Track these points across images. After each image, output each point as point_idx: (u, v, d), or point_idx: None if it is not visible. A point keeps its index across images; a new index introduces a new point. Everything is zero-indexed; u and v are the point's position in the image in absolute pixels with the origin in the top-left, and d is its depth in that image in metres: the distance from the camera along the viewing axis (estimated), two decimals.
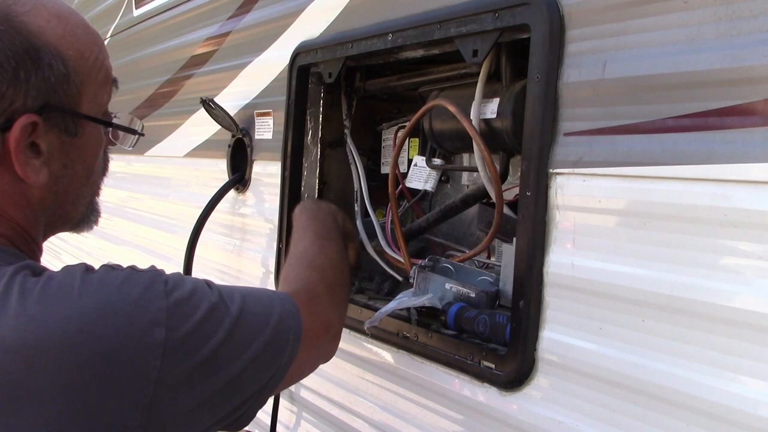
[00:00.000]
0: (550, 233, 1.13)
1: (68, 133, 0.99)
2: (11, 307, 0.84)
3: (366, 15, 1.58)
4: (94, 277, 0.90)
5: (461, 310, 1.33)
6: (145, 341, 0.87)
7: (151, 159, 2.83)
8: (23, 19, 0.93)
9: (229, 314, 0.98)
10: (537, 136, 1.14)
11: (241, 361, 0.99)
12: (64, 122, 0.98)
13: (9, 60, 0.91)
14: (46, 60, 0.94)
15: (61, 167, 1.00)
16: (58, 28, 0.96)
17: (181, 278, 0.96)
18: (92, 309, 0.86)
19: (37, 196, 0.99)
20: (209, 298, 0.97)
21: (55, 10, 0.98)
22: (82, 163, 1.03)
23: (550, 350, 1.12)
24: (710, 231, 0.92)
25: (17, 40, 0.92)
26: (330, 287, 1.31)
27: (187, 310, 0.93)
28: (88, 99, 1.00)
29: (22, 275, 0.88)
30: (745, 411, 0.88)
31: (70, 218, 1.08)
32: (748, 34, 0.89)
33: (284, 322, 1.08)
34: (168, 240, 2.58)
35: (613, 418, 1.03)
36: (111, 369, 0.85)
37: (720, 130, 0.91)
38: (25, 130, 0.93)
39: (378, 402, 1.53)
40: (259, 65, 2.04)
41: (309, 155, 1.84)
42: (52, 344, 0.83)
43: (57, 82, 0.95)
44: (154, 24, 2.87)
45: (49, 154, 0.97)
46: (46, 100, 0.95)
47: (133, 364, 0.86)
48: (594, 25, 1.08)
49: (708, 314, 0.92)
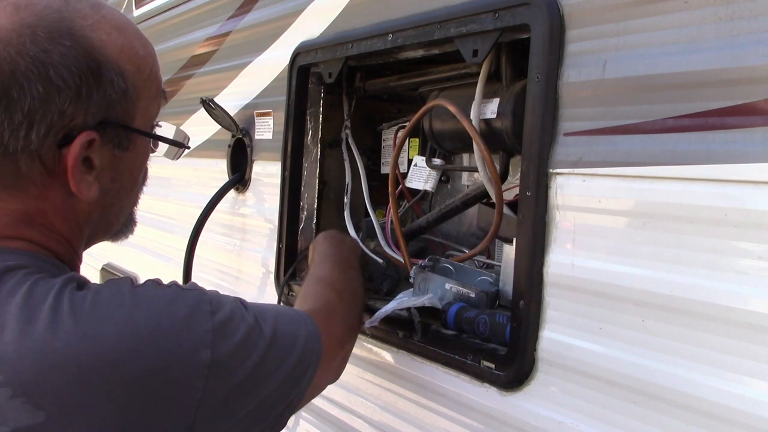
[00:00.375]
0: (550, 233, 1.13)
1: (121, 148, 0.98)
2: (63, 322, 0.84)
3: (366, 15, 1.58)
4: (143, 294, 0.90)
5: (461, 310, 1.33)
6: (192, 362, 0.88)
7: (151, 159, 2.82)
8: (86, 33, 0.92)
9: (263, 336, 0.99)
10: (537, 136, 1.14)
11: (272, 382, 1.00)
12: (118, 137, 0.97)
13: (73, 77, 0.89)
14: (107, 76, 0.93)
15: (109, 181, 0.99)
16: (118, 41, 0.95)
17: (220, 298, 0.97)
18: (144, 327, 0.86)
19: (85, 210, 0.99)
20: (247, 320, 0.97)
21: (115, 22, 0.96)
22: (129, 175, 1.03)
23: (550, 350, 1.12)
24: (710, 231, 0.92)
25: (81, 57, 0.90)
26: (347, 310, 1.34)
27: (228, 331, 0.93)
28: (140, 113, 1.00)
29: (70, 288, 0.88)
30: (745, 411, 0.88)
31: (111, 229, 1.08)
32: (748, 34, 0.89)
33: (309, 345, 1.09)
34: (168, 240, 2.58)
35: (613, 418, 1.03)
36: (159, 388, 0.86)
37: (720, 130, 0.91)
38: (83, 147, 0.92)
39: (378, 402, 1.53)
40: (259, 65, 2.04)
41: (309, 155, 1.84)
42: (105, 362, 0.83)
43: (116, 99, 0.94)
44: (154, 24, 2.86)
45: (101, 169, 0.96)
46: (104, 116, 0.94)
47: (181, 385, 0.87)
48: (594, 25, 1.08)
49: (708, 314, 0.92)
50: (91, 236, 1.05)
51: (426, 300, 1.37)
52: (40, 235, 0.96)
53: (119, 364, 0.84)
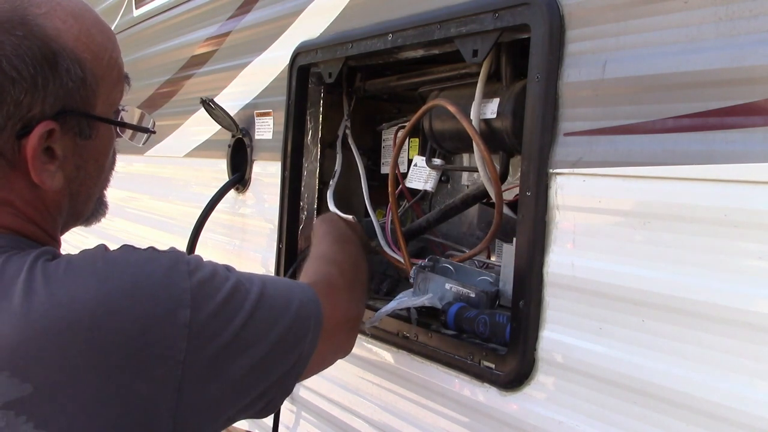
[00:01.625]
0: (550, 233, 1.13)
1: (83, 136, 0.98)
2: (37, 293, 0.84)
3: (366, 15, 1.58)
4: (117, 257, 0.90)
5: (461, 310, 1.33)
6: (171, 321, 0.87)
7: (151, 159, 2.83)
8: (40, 22, 0.91)
9: (249, 297, 0.98)
10: (537, 136, 1.14)
11: (264, 344, 0.99)
12: (80, 126, 0.97)
13: (27, 67, 0.89)
14: (64, 65, 0.92)
15: (74, 169, 0.99)
16: (74, 29, 0.94)
17: (201, 260, 0.96)
18: (119, 290, 0.86)
19: (53, 199, 0.99)
20: (230, 281, 0.97)
21: (71, 9, 0.96)
22: (94, 162, 1.03)
23: (550, 350, 1.12)
24: (710, 231, 0.92)
25: (35, 46, 0.90)
26: (349, 282, 1.31)
27: (209, 291, 0.93)
28: (102, 100, 0.99)
29: (43, 260, 0.88)
30: (745, 411, 0.88)
31: (82, 215, 1.08)
32: (748, 34, 0.89)
33: (305, 308, 1.08)
34: (168, 240, 2.57)
35: (613, 418, 1.03)
36: (140, 350, 0.85)
37: (720, 130, 0.91)
38: (42, 137, 0.92)
39: (378, 402, 1.53)
40: (259, 65, 2.04)
41: (309, 155, 1.84)
42: (82, 327, 0.83)
43: (74, 87, 0.94)
44: (154, 24, 2.86)
45: (64, 158, 0.96)
46: (63, 106, 0.93)
47: (161, 345, 0.86)
48: (594, 25, 1.08)
49: (708, 314, 0.92)
50: (65, 223, 1.05)
51: (426, 300, 1.37)
52: (12, 221, 0.96)
53: (96, 329, 0.83)
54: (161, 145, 2.72)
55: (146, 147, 2.82)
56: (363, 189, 1.78)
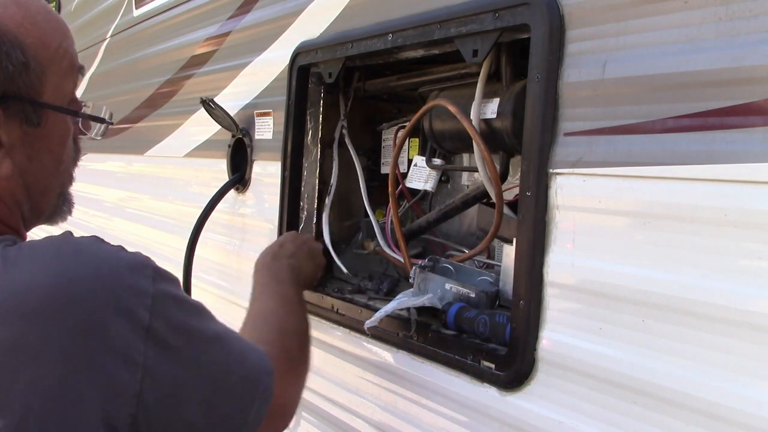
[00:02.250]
0: (550, 233, 1.13)
1: (30, 124, 0.97)
2: None
3: (366, 15, 1.58)
4: (83, 247, 0.89)
5: (461, 310, 1.33)
6: (131, 319, 0.85)
7: (151, 159, 2.83)
8: None
9: (211, 327, 0.96)
10: (537, 136, 1.14)
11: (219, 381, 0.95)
12: (25, 112, 0.96)
13: None
14: (3, 48, 0.92)
15: (25, 159, 0.98)
16: (16, 15, 0.94)
17: (171, 275, 0.94)
18: (81, 278, 0.85)
19: (6, 188, 0.98)
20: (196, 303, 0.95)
21: None
22: (48, 153, 1.01)
23: (550, 350, 1.12)
24: (710, 231, 0.92)
25: None
26: (303, 362, 1.27)
27: (171, 302, 0.91)
28: (51, 88, 0.98)
29: (3, 245, 0.88)
30: (745, 411, 0.88)
31: (42, 211, 1.06)
32: (748, 34, 0.89)
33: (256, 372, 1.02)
34: (168, 240, 2.57)
35: (613, 418, 1.03)
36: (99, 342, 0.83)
37: (720, 130, 0.91)
38: None
39: (378, 402, 1.53)
40: (259, 65, 2.04)
41: (309, 155, 1.84)
42: (43, 310, 0.82)
43: (15, 72, 0.93)
44: (154, 24, 2.86)
45: (11, 145, 0.95)
46: (3, 90, 0.93)
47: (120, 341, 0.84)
48: (594, 25, 1.08)
49: (708, 314, 0.92)
50: (27, 219, 1.04)
51: (426, 300, 1.37)
52: None
53: (58, 313, 0.82)
54: (161, 145, 2.73)
55: (146, 147, 2.82)
56: (361, 189, 1.78)
